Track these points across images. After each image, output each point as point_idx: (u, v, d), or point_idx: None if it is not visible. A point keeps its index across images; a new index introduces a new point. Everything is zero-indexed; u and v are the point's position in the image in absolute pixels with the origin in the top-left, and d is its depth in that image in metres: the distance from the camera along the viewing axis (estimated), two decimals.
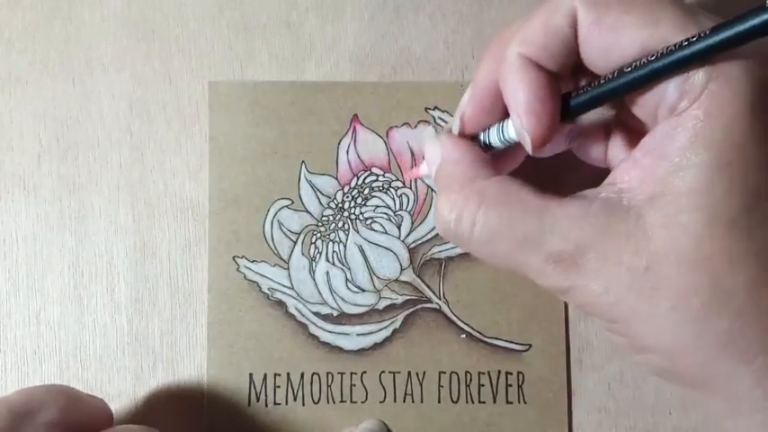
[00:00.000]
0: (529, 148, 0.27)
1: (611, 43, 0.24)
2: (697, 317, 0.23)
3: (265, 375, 0.35)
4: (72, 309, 0.36)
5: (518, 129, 0.26)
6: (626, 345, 0.26)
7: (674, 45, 0.23)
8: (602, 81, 0.25)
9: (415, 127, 0.36)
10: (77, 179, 0.36)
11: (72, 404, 0.30)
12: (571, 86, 0.27)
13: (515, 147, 0.29)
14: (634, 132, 0.28)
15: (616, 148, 0.29)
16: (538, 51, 0.26)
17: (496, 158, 0.30)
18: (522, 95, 0.26)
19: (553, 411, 0.35)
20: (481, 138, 0.30)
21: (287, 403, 0.35)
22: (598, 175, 0.27)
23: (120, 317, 0.36)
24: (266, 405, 0.35)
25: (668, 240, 0.23)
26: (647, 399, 0.35)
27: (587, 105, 0.26)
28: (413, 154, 0.36)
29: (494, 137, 0.29)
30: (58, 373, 0.35)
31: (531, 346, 0.35)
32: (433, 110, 0.36)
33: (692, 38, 0.22)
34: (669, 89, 0.23)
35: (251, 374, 0.35)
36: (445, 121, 0.36)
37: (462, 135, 0.30)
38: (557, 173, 0.32)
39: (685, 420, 0.35)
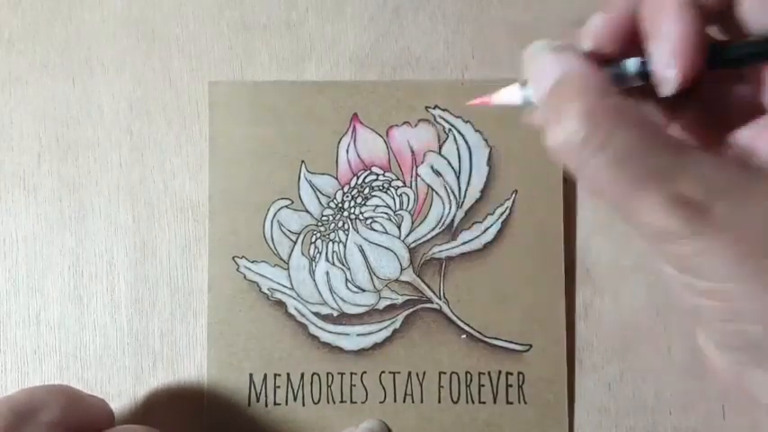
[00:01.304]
0: (670, 87, 0.25)
1: None
2: None
3: (265, 375, 0.35)
4: (72, 309, 0.36)
5: (661, 64, 0.25)
6: (718, 310, 0.24)
7: None
8: (756, 41, 0.24)
9: (416, 126, 0.36)
10: (77, 179, 0.36)
11: (73, 404, 0.30)
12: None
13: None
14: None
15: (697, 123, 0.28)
16: None
17: None
18: (680, 27, 0.24)
19: (553, 411, 0.35)
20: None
21: (287, 403, 0.35)
22: None
23: (120, 317, 0.36)
24: (266, 405, 0.35)
25: None
26: (647, 399, 0.35)
27: (745, 60, 0.25)
28: (413, 153, 0.36)
29: (631, 68, 0.26)
30: (58, 372, 0.35)
31: (531, 346, 0.35)
32: (434, 108, 0.36)
33: None
34: None
35: (251, 374, 0.35)
36: (445, 120, 0.36)
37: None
38: None
39: (685, 420, 0.35)
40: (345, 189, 0.36)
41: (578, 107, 0.24)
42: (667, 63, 0.25)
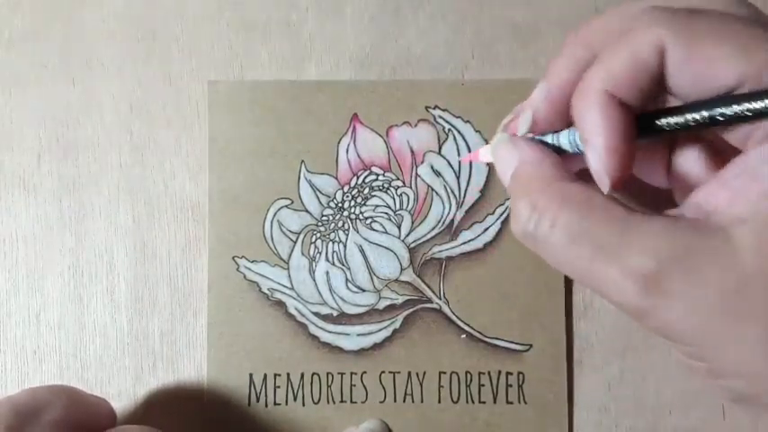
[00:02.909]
0: (606, 188, 0.26)
1: (705, 75, 0.24)
2: None
3: (265, 375, 0.35)
4: (72, 309, 0.36)
5: (596, 168, 0.26)
6: (704, 370, 0.25)
7: None
8: (695, 108, 0.25)
9: (415, 126, 0.36)
10: (77, 179, 0.36)
11: (75, 404, 0.30)
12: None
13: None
14: (714, 150, 0.27)
15: (685, 164, 0.28)
16: (623, 88, 0.25)
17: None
18: (604, 137, 0.25)
19: (553, 411, 0.35)
20: (550, 140, 0.29)
21: (287, 403, 0.35)
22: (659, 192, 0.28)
23: (120, 317, 0.36)
24: (266, 405, 0.35)
25: (759, 263, 0.22)
26: (647, 399, 0.35)
27: (675, 130, 0.26)
28: (413, 153, 0.36)
29: (565, 140, 0.28)
30: (58, 372, 0.35)
31: (531, 346, 0.35)
32: (434, 108, 0.36)
33: None
34: None
35: (251, 374, 0.35)
36: (445, 120, 0.36)
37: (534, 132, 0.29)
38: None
39: (685, 420, 0.35)
40: (345, 189, 0.36)
41: (526, 200, 0.26)
42: (599, 168, 0.26)
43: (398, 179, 0.36)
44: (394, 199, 0.36)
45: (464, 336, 0.35)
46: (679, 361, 0.26)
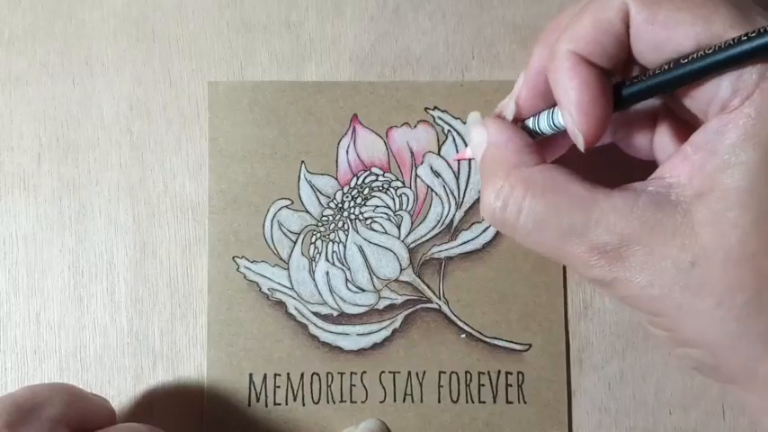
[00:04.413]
0: (581, 146, 0.27)
1: (665, 39, 0.24)
2: (741, 314, 0.23)
3: (265, 375, 0.35)
4: (72, 309, 0.36)
5: (570, 127, 0.27)
6: (667, 338, 0.26)
7: (731, 40, 0.23)
8: (656, 72, 0.25)
9: (415, 127, 0.36)
10: (77, 179, 0.36)
11: (75, 401, 0.30)
12: (619, 78, 0.27)
13: (563, 133, 0.29)
14: (683, 125, 0.28)
15: (663, 140, 0.29)
16: (588, 48, 0.26)
17: (543, 145, 0.30)
18: (573, 94, 0.26)
19: (553, 411, 0.35)
20: (530, 124, 0.29)
21: (287, 403, 0.35)
22: (645, 164, 0.28)
23: (120, 317, 0.36)
24: (266, 405, 0.35)
25: (715, 236, 0.23)
26: (647, 399, 0.35)
27: (640, 96, 0.26)
28: (412, 153, 0.36)
29: (543, 123, 0.29)
30: (58, 372, 0.35)
31: (530, 345, 0.35)
32: (433, 110, 0.36)
33: (752, 33, 0.22)
34: (722, 86, 0.24)
35: (251, 374, 0.35)
36: (444, 121, 0.36)
37: (515, 120, 0.30)
38: (604, 161, 0.31)
39: (685, 420, 0.35)
40: (345, 189, 0.36)
41: (492, 186, 0.27)
42: (572, 126, 0.26)
43: (398, 180, 0.36)
44: (394, 199, 0.36)
45: (464, 335, 0.35)
46: (645, 329, 0.27)
